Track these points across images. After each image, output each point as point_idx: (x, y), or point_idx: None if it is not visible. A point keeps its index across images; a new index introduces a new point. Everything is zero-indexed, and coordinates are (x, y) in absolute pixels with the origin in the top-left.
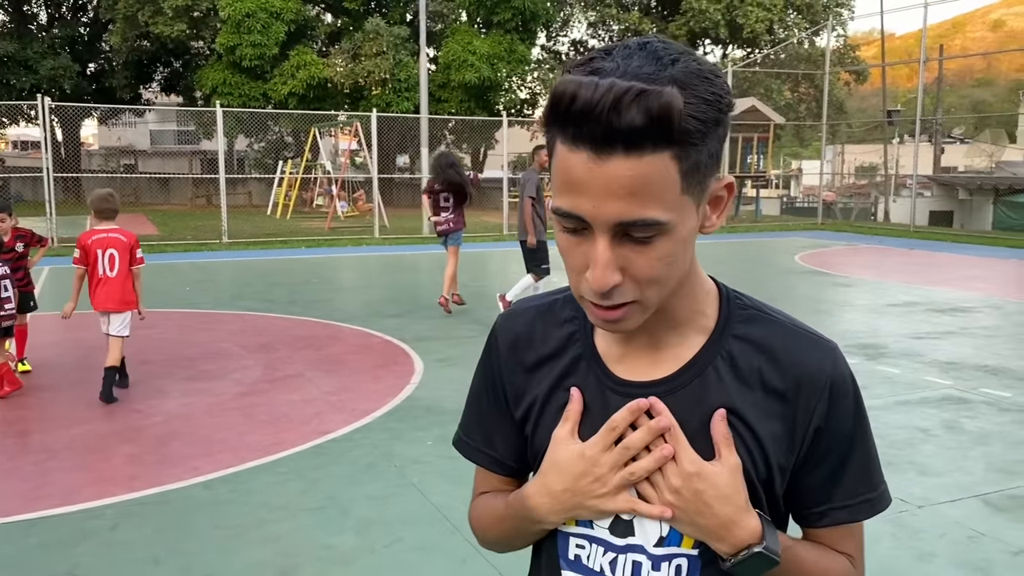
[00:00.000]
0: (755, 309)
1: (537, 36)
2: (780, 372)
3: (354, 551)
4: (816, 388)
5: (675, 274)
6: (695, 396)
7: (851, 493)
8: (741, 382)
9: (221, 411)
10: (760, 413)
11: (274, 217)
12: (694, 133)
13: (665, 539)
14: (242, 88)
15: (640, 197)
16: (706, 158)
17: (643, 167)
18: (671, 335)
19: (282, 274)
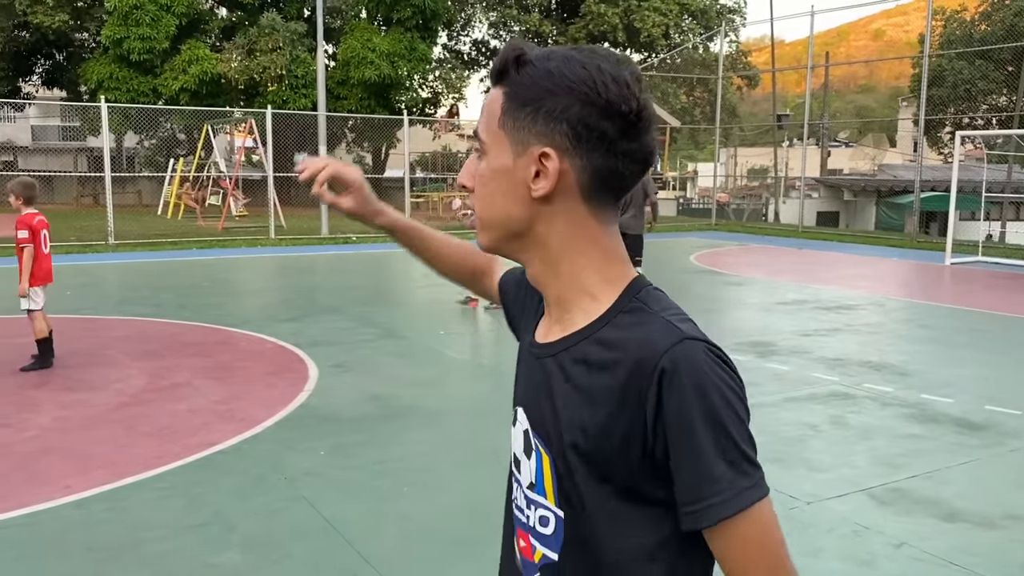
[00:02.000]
0: (642, 303)
1: (438, 35)
2: (624, 354)
3: (239, 569)
4: (645, 374)
5: (489, 200)
6: (557, 368)
7: (687, 499)
8: (594, 366)
9: (100, 424)
10: (600, 398)
11: (165, 217)
12: (520, 85)
13: (534, 485)
14: (130, 83)
15: (482, 116)
16: (530, 114)
17: (492, 95)
18: (560, 309)
19: (172, 277)
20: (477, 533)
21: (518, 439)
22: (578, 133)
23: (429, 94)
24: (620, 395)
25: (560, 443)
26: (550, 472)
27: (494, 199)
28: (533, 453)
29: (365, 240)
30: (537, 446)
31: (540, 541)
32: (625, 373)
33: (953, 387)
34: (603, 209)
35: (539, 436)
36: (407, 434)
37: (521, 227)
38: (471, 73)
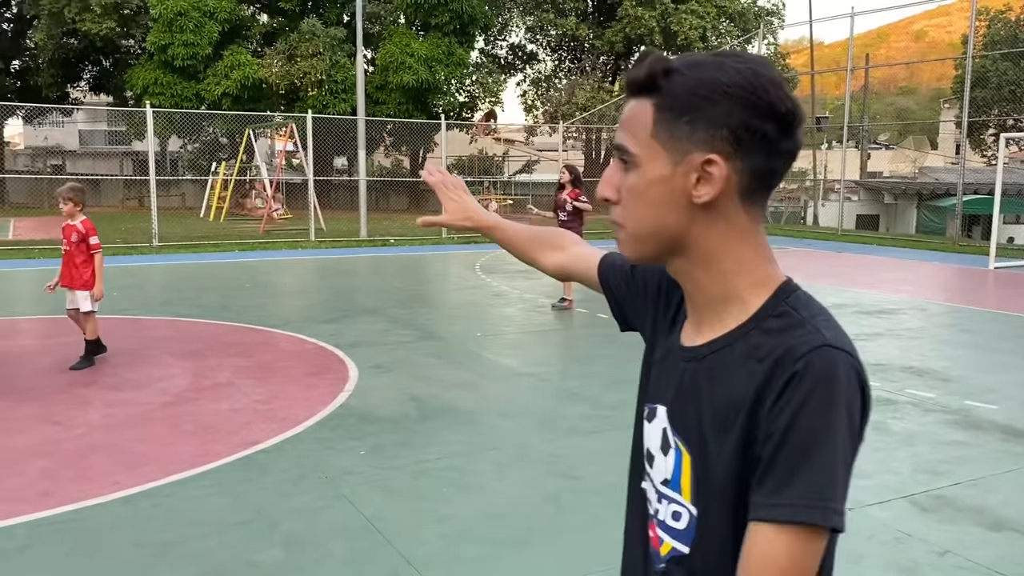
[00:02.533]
0: (792, 308)
1: (475, 40)
2: (767, 359)
3: (281, 567)
4: (778, 376)
5: (644, 212)
6: (705, 370)
7: (791, 496)
8: (743, 366)
9: (146, 422)
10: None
11: (207, 219)
12: (671, 94)
13: (669, 481)
14: (174, 88)
15: (626, 128)
16: (687, 123)
17: (634, 107)
18: (708, 312)
19: (214, 278)
20: (516, 535)
21: (654, 435)
22: (739, 137)
23: (466, 98)
24: (756, 392)
25: (702, 443)
26: (689, 470)
27: (649, 209)
28: (671, 450)
29: (402, 243)
30: (677, 444)
31: (670, 534)
32: (765, 372)
33: (997, 393)
34: (757, 208)
35: (680, 435)
36: (445, 435)
37: (677, 234)
38: (508, 77)
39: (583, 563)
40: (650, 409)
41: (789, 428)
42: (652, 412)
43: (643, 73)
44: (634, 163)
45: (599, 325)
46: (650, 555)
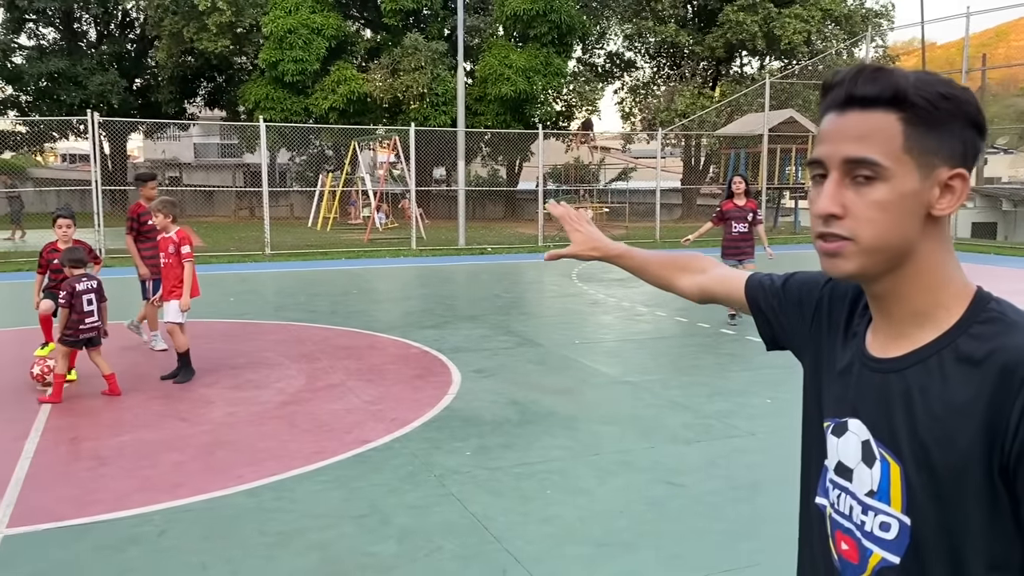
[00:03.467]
0: (1000, 313)
1: (573, 49)
2: (992, 361)
3: (396, 559)
4: (1014, 380)
5: (890, 225)
6: (913, 379)
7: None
8: (958, 373)
9: (265, 420)
10: (970, 404)
11: (315, 229)
12: (921, 109)
13: (875, 492)
14: (284, 103)
15: (865, 140)
16: (935, 138)
17: (872, 120)
18: (910, 323)
19: (323, 285)
20: (620, 538)
21: (849, 449)
22: (967, 153)
23: (562, 107)
24: (985, 404)
25: (916, 453)
26: (899, 480)
27: (894, 222)
28: (877, 462)
29: (499, 251)
30: (883, 455)
31: (879, 545)
32: (991, 382)
33: None
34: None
35: (886, 446)
36: (546, 439)
37: (908, 247)
38: (605, 85)
39: (687, 569)
40: (837, 423)
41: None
42: (842, 426)
43: (888, 88)
44: (882, 176)
45: (699, 335)
46: (843, 566)
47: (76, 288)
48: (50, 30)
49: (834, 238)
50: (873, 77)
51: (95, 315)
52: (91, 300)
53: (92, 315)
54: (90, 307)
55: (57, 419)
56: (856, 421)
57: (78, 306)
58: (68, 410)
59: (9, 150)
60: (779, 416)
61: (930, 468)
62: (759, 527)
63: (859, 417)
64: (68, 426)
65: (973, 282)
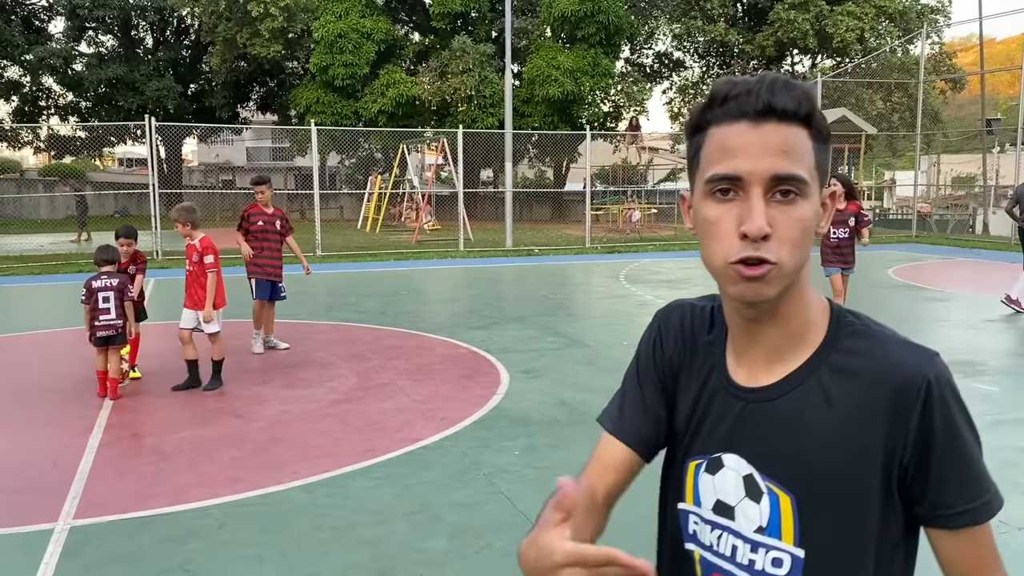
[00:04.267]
0: (862, 324)
1: (621, 50)
2: (877, 380)
3: (447, 555)
4: (911, 393)
5: (805, 244)
6: (795, 404)
7: (958, 499)
8: (839, 392)
9: (318, 418)
10: (860, 420)
11: (364, 231)
12: (819, 126)
13: (765, 528)
14: (334, 107)
15: (791, 156)
16: (823, 155)
17: (792, 134)
18: (783, 346)
19: (372, 286)
20: None
21: (729, 486)
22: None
23: (610, 108)
24: (879, 421)
25: (807, 480)
26: (791, 512)
27: (807, 241)
28: (764, 496)
29: (546, 252)
30: (770, 488)
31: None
32: (884, 398)
33: None
34: None
35: (773, 478)
36: (594, 439)
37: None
38: (653, 85)
39: None
40: (709, 460)
41: (948, 436)
42: (715, 463)
43: (804, 105)
44: (804, 194)
45: None
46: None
47: (92, 285)
48: (108, 37)
49: (759, 262)
50: (789, 89)
51: (111, 312)
52: (107, 298)
53: (108, 312)
54: (106, 304)
55: (119, 415)
56: (732, 456)
57: (93, 303)
58: (129, 407)
59: (70, 154)
60: None
61: (824, 493)
62: None
63: (736, 452)
64: (129, 422)
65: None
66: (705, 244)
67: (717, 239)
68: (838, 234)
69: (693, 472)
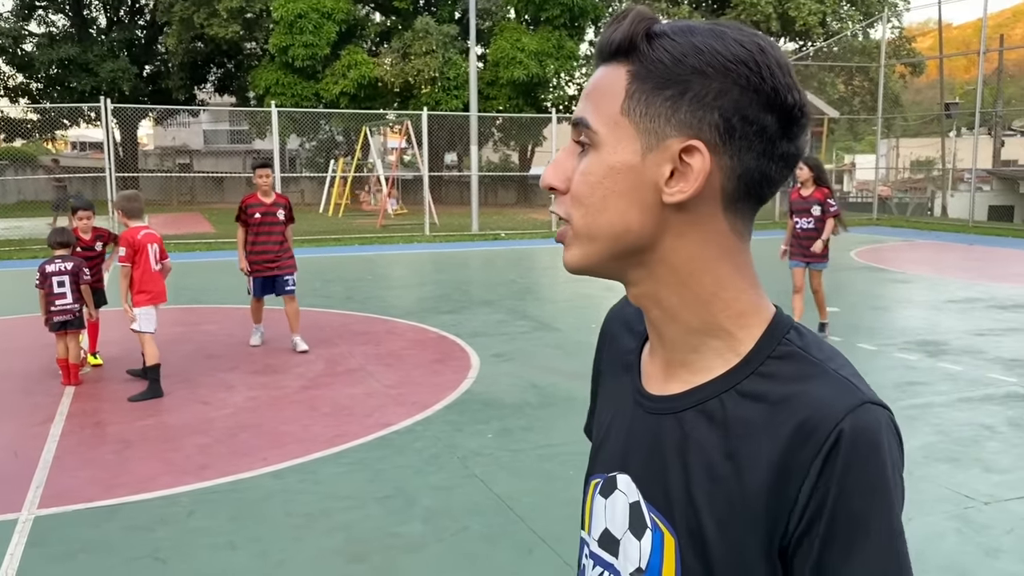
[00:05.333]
0: (799, 348)
1: (585, 32)
2: (787, 414)
3: (422, 539)
4: (811, 443)
5: (600, 206)
6: (691, 425)
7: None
8: (744, 424)
9: (286, 404)
10: (752, 464)
11: (327, 215)
12: (656, 62)
13: (644, 572)
14: (294, 88)
15: (591, 98)
16: (665, 100)
17: (608, 74)
18: (683, 348)
19: (337, 271)
20: None
21: (617, 513)
22: (732, 126)
23: (575, 91)
24: (775, 465)
25: (689, 520)
26: (673, 555)
27: (607, 204)
28: (648, 532)
29: (513, 236)
30: (655, 522)
31: None
32: (784, 438)
33: None
34: (743, 221)
35: (658, 510)
36: (566, 421)
37: (640, 241)
38: None
39: None
40: (605, 480)
41: (838, 511)
42: (609, 484)
43: (621, 34)
44: (593, 143)
45: None
46: None
47: (46, 269)
48: (60, 17)
49: (562, 223)
50: (617, 22)
51: (67, 297)
52: (62, 282)
53: (64, 296)
54: (61, 289)
55: (80, 404)
56: (625, 478)
57: (48, 288)
58: (91, 395)
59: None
60: None
61: (702, 542)
62: None
63: (628, 471)
64: (92, 410)
65: (768, 301)
66: None
67: None
68: (801, 223)
69: (592, 493)
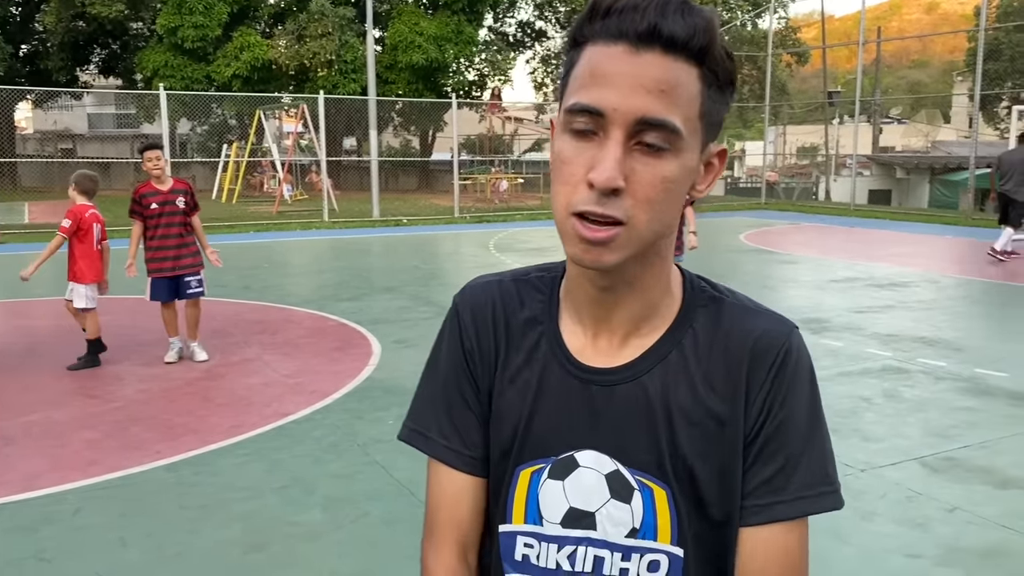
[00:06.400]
0: (717, 292)
1: (484, 17)
2: (735, 350)
3: (321, 526)
4: (766, 364)
5: (668, 208)
6: (659, 382)
7: (800, 487)
8: (702, 365)
9: (179, 396)
10: (723, 395)
11: (220, 201)
12: (717, 66)
13: (638, 530)
14: (184, 70)
15: (669, 97)
16: (717, 104)
17: (677, 70)
18: (640, 319)
19: (232, 259)
20: None
21: (587, 489)
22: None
23: (475, 76)
24: (737, 388)
25: (680, 466)
26: (667, 507)
27: (674, 205)
28: (636, 493)
29: (415, 223)
30: (641, 483)
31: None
32: (741, 363)
33: (1007, 361)
34: None
35: (642, 471)
36: None
37: (667, 232)
38: (517, 54)
39: None
40: (555, 463)
41: (788, 418)
42: (565, 465)
43: (698, 33)
44: (675, 148)
45: None
46: None
47: None
48: None
49: (606, 222)
50: (686, 13)
51: None
52: None
53: None
54: None
55: None
56: (589, 453)
57: None
58: None
59: None
60: None
61: (693, 482)
62: None
63: (595, 447)
64: None
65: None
66: (552, 186)
67: (564, 183)
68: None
69: (526, 483)
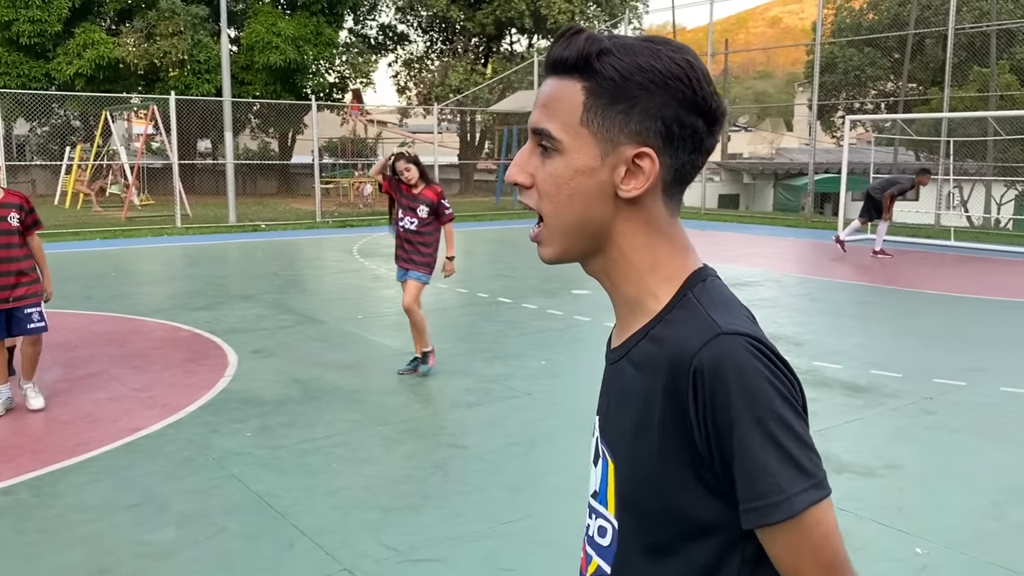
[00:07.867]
0: (695, 297)
1: (344, 19)
2: (664, 354)
3: (175, 544)
4: (680, 375)
5: (567, 203)
6: (621, 369)
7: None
8: (642, 366)
9: (16, 415)
10: (647, 396)
11: (63, 207)
12: (607, 79)
13: (597, 494)
14: (20, 67)
15: (548, 110)
16: (618, 113)
17: (560, 87)
18: (626, 311)
19: (75, 268)
20: (407, 501)
21: (592, 448)
22: (672, 132)
23: (336, 79)
24: (662, 396)
25: (622, 448)
26: (614, 479)
27: (574, 201)
28: (600, 460)
29: (274, 228)
30: (604, 453)
31: (597, 552)
32: (664, 373)
33: (842, 354)
34: (676, 202)
35: (606, 442)
36: (331, 414)
37: (601, 229)
38: (379, 57)
39: (471, 523)
40: (595, 423)
41: (719, 428)
42: (594, 426)
43: (575, 53)
44: (557, 150)
45: (479, 304)
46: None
47: None
48: None
49: (539, 222)
50: (568, 41)
51: None
52: None
53: None
54: None
55: None
56: (597, 417)
57: None
58: None
59: None
60: (553, 376)
61: (631, 467)
62: (536, 479)
63: (599, 413)
64: None
65: (697, 263)
66: None
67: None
68: (405, 226)
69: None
